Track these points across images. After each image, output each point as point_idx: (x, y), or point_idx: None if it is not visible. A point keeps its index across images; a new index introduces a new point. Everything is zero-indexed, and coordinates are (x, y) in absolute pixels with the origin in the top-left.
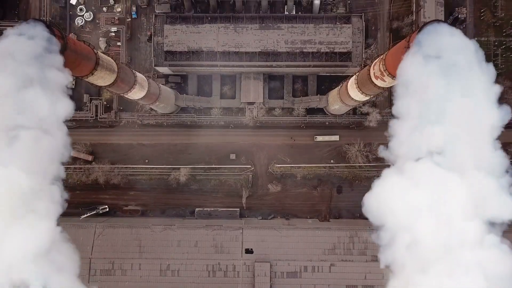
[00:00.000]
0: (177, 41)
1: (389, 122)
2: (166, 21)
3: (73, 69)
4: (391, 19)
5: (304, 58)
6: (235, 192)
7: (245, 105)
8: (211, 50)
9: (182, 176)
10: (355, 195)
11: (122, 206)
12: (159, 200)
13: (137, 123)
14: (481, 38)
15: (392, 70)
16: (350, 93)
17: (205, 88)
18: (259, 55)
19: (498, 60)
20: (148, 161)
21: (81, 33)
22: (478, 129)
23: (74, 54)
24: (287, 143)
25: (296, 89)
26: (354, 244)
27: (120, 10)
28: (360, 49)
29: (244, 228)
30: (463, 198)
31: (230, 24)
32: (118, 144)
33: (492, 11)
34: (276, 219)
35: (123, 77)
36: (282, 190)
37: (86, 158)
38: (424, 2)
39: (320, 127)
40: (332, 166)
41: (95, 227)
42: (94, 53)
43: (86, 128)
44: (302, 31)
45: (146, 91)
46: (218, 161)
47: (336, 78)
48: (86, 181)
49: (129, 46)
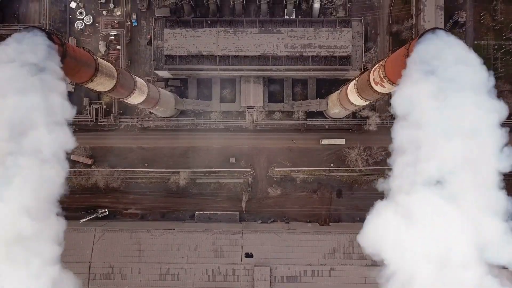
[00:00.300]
0: (177, 45)
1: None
2: (166, 25)
3: (73, 76)
4: (391, 22)
5: (303, 62)
6: (235, 196)
7: (245, 109)
8: (211, 54)
9: (181, 180)
10: (355, 199)
11: (122, 209)
12: (159, 203)
13: (137, 126)
14: (480, 41)
15: (392, 77)
16: (350, 98)
17: (205, 91)
18: (259, 59)
19: (498, 64)
20: (147, 164)
21: (81, 36)
22: (480, 165)
23: (74, 61)
24: (287, 146)
25: (296, 92)
26: (354, 248)
27: (120, 14)
28: (360, 53)
29: (244, 232)
30: (463, 237)
31: (230, 28)
32: (117, 148)
33: (492, 14)
34: (276, 222)
35: (123, 83)
36: (282, 193)
37: (86, 162)
38: (423, 6)
39: (320, 130)
40: (332, 169)
41: (94, 231)
42: (94, 59)
43: (85, 132)
44: (302, 35)
45: (145, 96)
46: (217, 165)
47: (336, 82)
48: (85, 185)
49: (128, 49)
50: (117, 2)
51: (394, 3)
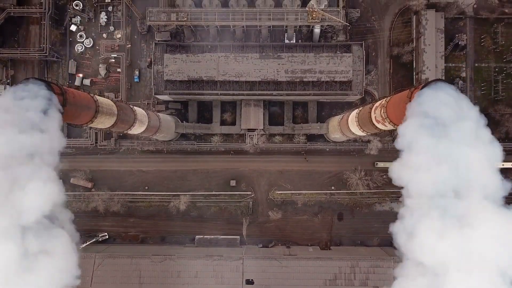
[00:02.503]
0: (177, 70)
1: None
2: (166, 50)
3: (73, 120)
4: (391, 45)
5: (304, 87)
6: (236, 219)
7: (245, 132)
8: (212, 79)
9: (181, 204)
10: (356, 222)
11: (122, 233)
12: (159, 227)
13: (137, 149)
14: (481, 64)
15: (394, 119)
16: (351, 128)
17: (205, 114)
18: (260, 84)
19: (499, 87)
20: (148, 187)
21: (81, 59)
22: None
23: (74, 108)
24: (288, 169)
25: (296, 115)
26: (355, 275)
27: (120, 37)
28: (360, 77)
29: (245, 258)
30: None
31: (230, 53)
32: (118, 171)
33: (492, 37)
34: (277, 246)
35: (123, 118)
36: (282, 217)
37: (86, 185)
38: (424, 29)
39: (321, 153)
40: (333, 192)
41: (94, 257)
42: (94, 101)
43: (86, 155)
44: (302, 60)
45: (146, 126)
46: (218, 188)
47: (336, 104)
48: (85, 209)
49: (129, 72)
50: (117, 25)
51: (395, 26)
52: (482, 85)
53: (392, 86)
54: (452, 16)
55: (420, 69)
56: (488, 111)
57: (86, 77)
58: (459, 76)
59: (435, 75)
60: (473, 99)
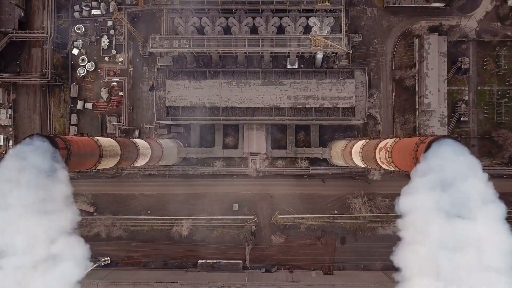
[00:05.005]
0: (180, 97)
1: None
2: (169, 76)
3: (78, 168)
4: (394, 68)
5: (306, 112)
6: (238, 243)
7: (247, 155)
8: (214, 106)
9: (184, 229)
10: (359, 246)
11: (124, 257)
12: (161, 251)
13: (139, 173)
14: (484, 87)
15: (399, 165)
16: (355, 160)
17: (207, 137)
18: (262, 109)
19: (502, 110)
20: (150, 212)
21: (83, 83)
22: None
23: (78, 158)
24: (290, 193)
25: (299, 139)
26: None
27: (122, 60)
28: (363, 103)
29: (247, 285)
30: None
31: (233, 80)
32: (120, 195)
33: (495, 60)
34: (279, 271)
35: (126, 156)
36: (285, 241)
37: (88, 210)
38: (427, 54)
39: (323, 176)
40: (335, 216)
41: (97, 285)
42: (98, 146)
43: (88, 179)
44: (305, 86)
45: (149, 158)
46: (220, 212)
47: (339, 127)
48: (88, 234)
49: (131, 95)
50: (119, 49)
51: (397, 49)
52: (485, 108)
53: (394, 109)
54: (454, 40)
55: (422, 93)
56: (491, 134)
57: (88, 100)
58: (461, 99)
59: (438, 99)
60: (476, 122)
